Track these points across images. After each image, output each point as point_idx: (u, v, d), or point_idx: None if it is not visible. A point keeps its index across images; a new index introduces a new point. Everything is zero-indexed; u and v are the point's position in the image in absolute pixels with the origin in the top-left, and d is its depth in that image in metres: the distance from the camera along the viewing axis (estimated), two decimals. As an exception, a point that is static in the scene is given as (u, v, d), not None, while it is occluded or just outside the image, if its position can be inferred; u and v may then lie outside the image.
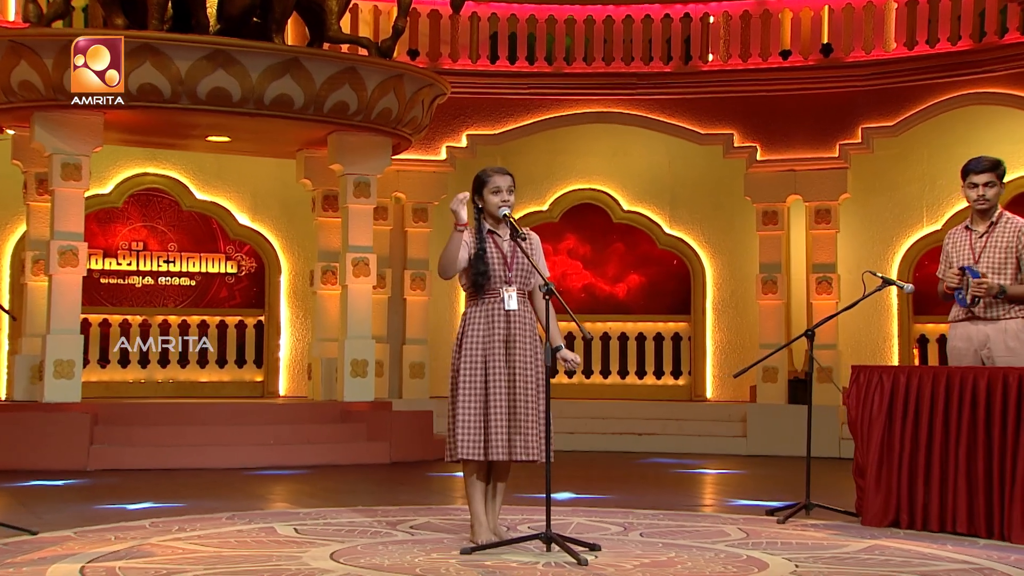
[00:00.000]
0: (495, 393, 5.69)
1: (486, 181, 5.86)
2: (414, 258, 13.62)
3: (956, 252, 7.17)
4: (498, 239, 5.88)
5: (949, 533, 6.51)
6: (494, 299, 5.81)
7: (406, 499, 8.18)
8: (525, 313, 5.84)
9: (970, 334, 6.94)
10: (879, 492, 6.93)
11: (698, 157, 14.04)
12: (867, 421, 7.06)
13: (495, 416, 5.67)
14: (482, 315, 5.80)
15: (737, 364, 14.12)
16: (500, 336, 5.75)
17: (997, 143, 13.07)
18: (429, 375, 13.56)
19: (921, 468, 6.77)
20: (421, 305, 13.68)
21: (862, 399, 7.12)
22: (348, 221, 11.99)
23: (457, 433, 5.69)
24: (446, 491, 9.00)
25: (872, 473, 6.95)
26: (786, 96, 13.33)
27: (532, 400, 5.74)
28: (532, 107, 13.74)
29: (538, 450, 5.69)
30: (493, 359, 5.72)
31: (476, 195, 5.91)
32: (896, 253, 13.68)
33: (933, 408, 6.77)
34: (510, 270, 5.83)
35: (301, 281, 14.05)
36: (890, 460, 6.91)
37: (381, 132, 11.71)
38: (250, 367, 13.97)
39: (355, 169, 11.90)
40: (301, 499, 8.22)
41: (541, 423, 5.74)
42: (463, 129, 13.66)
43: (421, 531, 6.43)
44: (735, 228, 14.20)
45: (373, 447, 11.21)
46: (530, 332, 5.84)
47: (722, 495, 9.00)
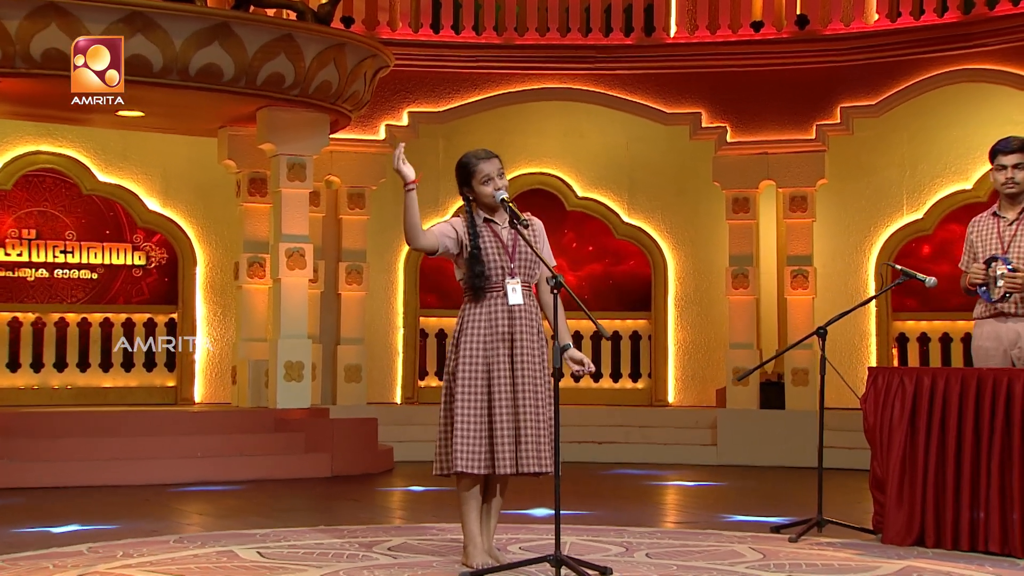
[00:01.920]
0: (500, 399, 5.56)
1: (472, 171, 5.76)
2: (350, 249, 13.38)
3: (982, 242, 7.12)
4: (496, 227, 5.75)
5: (981, 552, 6.47)
6: (496, 293, 5.67)
7: (366, 517, 8.07)
8: (531, 308, 5.72)
9: (999, 333, 6.91)
10: (901, 507, 6.85)
11: (659, 138, 13.96)
12: (887, 429, 6.98)
13: (501, 425, 5.54)
14: (483, 312, 5.67)
15: (702, 366, 14.12)
16: (503, 334, 5.63)
17: (984, 124, 13.20)
18: (367, 379, 13.30)
19: (950, 481, 6.70)
20: (357, 301, 13.44)
21: (880, 404, 7.05)
22: (281, 207, 11.75)
23: (456, 444, 5.53)
24: (407, 507, 8.89)
25: (893, 486, 6.87)
26: (758, 72, 13.28)
27: (540, 405, 5.63)
28: (479, 82, 13.55)
29: (548, 461, 5.57)
30: (496, 361, 5.60)
31: (464, 187, 5.76)
32: (874, 244, 13.72)
33: (962, 414, 6.70)
34: (512, 260, 5.69)
35: (220, 274, 13.74)
36: (913, 472, 6.84)
37: (319, 108, 11.48)
38: (161, 371, 13.63)
39: (289, 149, 11.66)
40: (245, 518, 8.01)
41: (550, 431, 5.62)
42: (403, 106, 13.43)
43: (402, 553, 6.30)
44: (700, 217, 14.15)
45: (312, 459, 11.01)
46: (536, 329, 5.72)
47: (710, 510, 8.94)
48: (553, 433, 5.63)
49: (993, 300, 6.90)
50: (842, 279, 13.75)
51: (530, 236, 5.74)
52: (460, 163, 5.77)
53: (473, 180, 5.71)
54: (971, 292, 7.13)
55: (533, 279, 5.77)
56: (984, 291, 6.94)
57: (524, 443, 5.52)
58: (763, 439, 12.78)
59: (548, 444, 5.60)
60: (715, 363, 14.01)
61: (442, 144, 14.16)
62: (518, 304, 5.64)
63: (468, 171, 5.73)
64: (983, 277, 6.95)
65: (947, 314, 13.40)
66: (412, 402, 13.90)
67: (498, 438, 5.52)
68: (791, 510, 8.54)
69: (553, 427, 5.62)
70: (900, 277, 7.34)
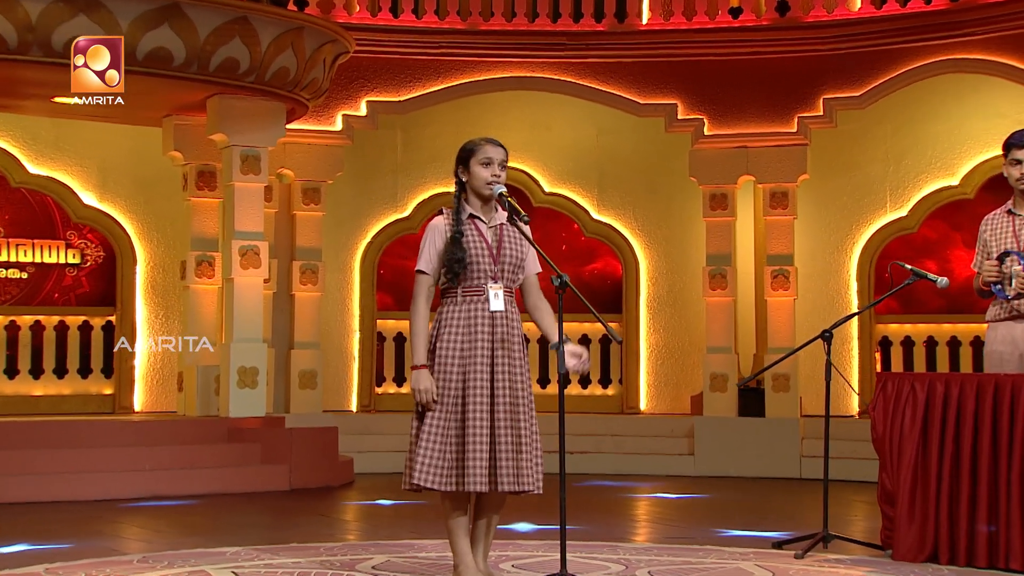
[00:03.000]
0: (475, 411, 5.45)
1: (474, 150, 5.65)
2: (304, 247, 13.22)
3: (996, 240, 7.11)
4: (481, 225, 5.63)
5: (999, 569, 6.44)
6: (476, 297, 5.55)
7: (338, 533, 8.00)
8: (512, 315, 5.62)
9: (1015, 336, 6.90)
10: (913, 522, 6.81)
11: (632, 131, 13.90)
12: (897, 439, 6.95)
13: (474, 439, 5.42)
14: (461, 316, 5.54)
15: (676, 371, 14.08)
16: (483, 342, 5.52)
17: (971, 117, 13.29)
18: (322, 385, 13.14)
19: (965, 493, 6.66)
20: (312, 303, 13.27)
21: (890, 413, 7.01)
22: (234, 202, 11.59)
23: (418, 457, 5.43)
24: (380, 523, 8.78)
25: (904, 500, 6.83)
26: (737, 62, 13.25)
27: (523, 419, 5.55)
28: (442, 70, 13.43)
29: (528, 478, 5.49)
30: (474, 370, 5.49)
31: (460, 167, 5.66)
32: (856, 243, 13.74)
33: (978, 423, 6.68)
34: (496, 263, 5.58)
35: (162, 274, 13.52)
36: (926, 485, 6.80)
37: (275, 96, 11.35)
38: (97, 377, 13.38)
39: (243, 140, 11.50)
40: (209, 535, 7.86)
41: (533, 446, 5.57)
42: (362, 95, 13.28)
43: (387, 572, 6.23)
44: (674, 214, 14.12)
45: (269, 471, 10.89)
46: (518, 338, 5.63)
47: (700, 524, 8.89)
48: (537, 449, 5.59)
49: (1009, 298, 6.87)
50: (822, 279, 13.77)
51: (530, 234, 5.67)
52: (464, 143, 5.68)
53: (472, 159, 5.59)
54: (985, 293, 7.11)
55: (516, 283, 5.68)
56: (999, 289, 6.90)
57: (502, 459, 5.44)
58: (743, 448, 12.75)
59: (529, 461, 5.52)
60: (689, 368, 13.98)
61: (400, 136, 14.05)
62: (499, 311, 5.54)
63: (469, 150, 5.62)
64: (997, 275, 6.91)
65: (931, 316, 13.45)
66: (369, 410, 13.76)
67: (470, 453, 5.41)
68: (786, 524, 8.52)
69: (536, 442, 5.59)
70: (910, 277, 7.28)
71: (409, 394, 14.57)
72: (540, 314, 5.72)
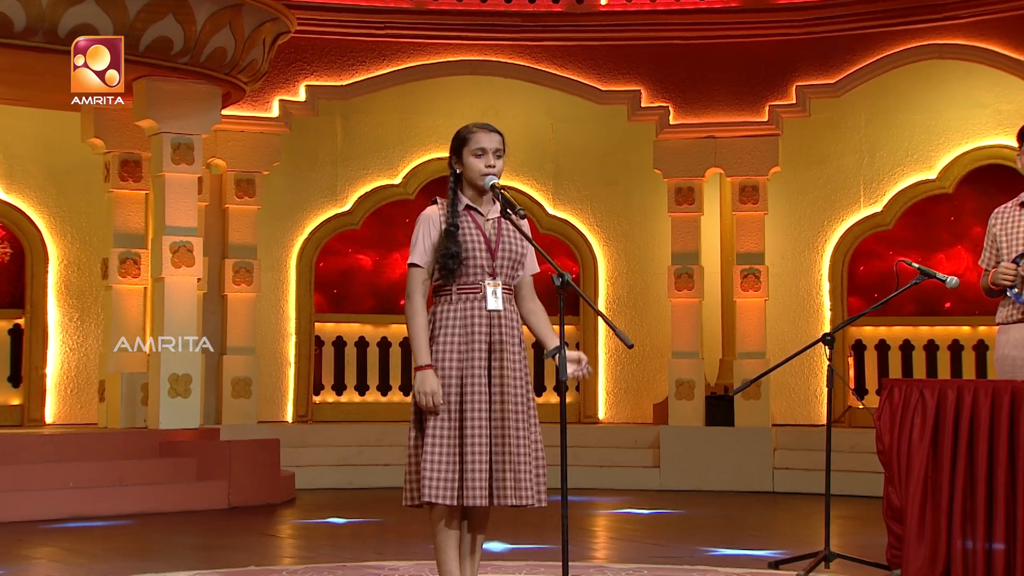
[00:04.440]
0: (473, 419, 5.34)
1: (466, 139, 5.52)
2: (237, 243, 13.00)
3: (1007, 236, 7.04)
4: (479, 217, 5.52)
5: (1019, 590, 6.38)
6: (473, 295, 5.43)
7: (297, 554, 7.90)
8: (511, 314, 5.50)
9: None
10: (923, 541, 6.73)
11: (590, 119, 13.83)
12: (905, 451, 6.86)
13: (473, 449, 5.32)
14: (457, 316, 5.42)
15: (636, 377, 14.04)
16: (481, 344, 5.40)
17: (949, 106, 13.36)
18: (257, 393, 12.92)
19: (980, 509, 6.59)
20: (247, 304, 13.06)
21: (898, 422, 6.92)
22: (165, 194, 11.44)
23: (425, 471, 5.30)
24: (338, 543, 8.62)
25: (913, 516, 6.75)
26: (705, 46, 13.20)
27: (522, 427, 5.42)
28: (388, 53, 13.26)
29: (528, 492, 5.37)
30: (471, 374, 5.37)
31: (454, 157, 5.55)
32: (828, 240, 13.77)
33: (994, 433, 6.60)
34: (494, 258, 5.46)
35: (77, 273, 13.29)
36: (937, 500, 6.72)
37: (211, 79, 11.22)
38: (3, 387, 13.08)
39: (174, 126, 11.37)
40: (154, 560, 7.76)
41: (534, 456, 5.45)
42: (300, 79, 13.09)
43: None
44: (635, 209, 14.06)
45: (206, 488, 10.75)
46: (518, 339, 5.51)
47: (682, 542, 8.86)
48: (540, 459, 5.49)
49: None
50: (792, 279, 13.78)
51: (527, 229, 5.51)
52: (457, 131, 5.56)
53: (464, 149, 5.49)
54: (994, 293, 7.05)
55: (515, 280, 5.57)
56: (1016, 293, 6.85)
57: (502, 471, 5.34)
58: (711, 460, 12.69)
59: (530, 472, 5.40)
60: (651, 374, 13.93)
61: (340, 124, 13.87)
62: (498, 310, 5.43)
63: (461, 139, 5.51)
64: (1013, 277, 6.86)
65: (907, 319, 13.49)
66: (306, 421, 13.57)
67: (469, 464, 5.31)
68: (774, 541, 8.57)
69: (539, 451, 5.48)
70: (918, 277, 7.22)
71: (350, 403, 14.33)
72: (536, 318, 5.59)
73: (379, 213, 13.97)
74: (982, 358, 13.30)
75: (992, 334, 13.19)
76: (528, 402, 5.49)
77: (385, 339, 13.95)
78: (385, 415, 13.73)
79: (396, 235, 13.99)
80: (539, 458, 5.50)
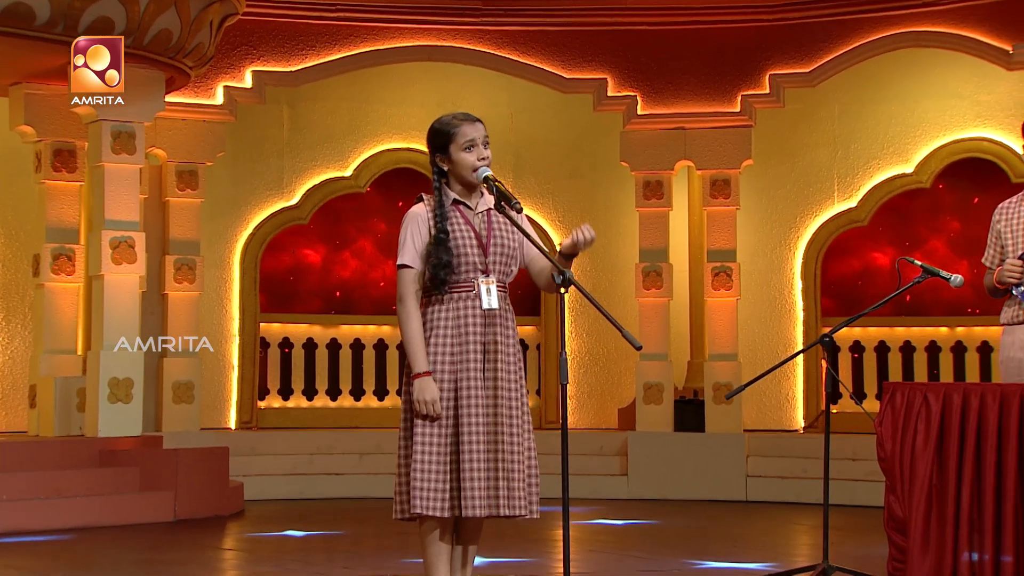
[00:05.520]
0: (470, 425, 5.29)
1: (452, 134, 5.46)
2: (180, 239, 12.82)
3: (1012, 232, 7.03)
4: (467, 212, 5.47)
5: (1030, 605, 6.37)
6: (466, 294, 5.40)
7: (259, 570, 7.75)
8: (507, 313, 5.49)
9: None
10: (927, 553, 6.68)
11: (553, 109, 13.82)
12: (908, 458, 6.80)
13: (471, 457, 5.27)
14: (450, 317, 5.38)
15: (601, 381, 14.01)
16: (476, 345, 5.36)
17: (926, 97, 13.44)
18: (200, 399, 12.76)
19: (989, 520, 6.54)
20: (189, 303, 12.87)
21: (900, 428, 6.86)
22: (104, 186, 11.31)
23: (416, 481, 5.25)
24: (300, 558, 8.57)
25: (917, 527, 6.70)
26: (676, 32, 13.18)
27: (517, 432, 5.37)
28: (340, 37, 13.14)
29: (527, 501, 5.34)
30: (466, 377, 5.33)
31: (438, 155, 5.49)
32: (800, 237, 13.81)
33: (1003, 439, 6.57)
34: (486, 254, 5.44)
35: (2, 269, 13.15)
36: (943, 510, 6.67)
37: (155, 63, 11.11)
38: (-82, 393, 12.98)
39: (115, 113, 11.19)
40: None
41: (531, 465, 5.40)
42: (247, 64, 12.94)
43: None
44: (600, 203, 14.02)
45: (151, 500, 10.66)
46: (513, 339, 5.47)
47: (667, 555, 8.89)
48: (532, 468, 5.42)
49: (1033, 301, 6.82)
50: (763, 277, 13.80)
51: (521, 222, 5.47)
52: (436, 126, 5.48)
53: (452, 145, 5.41)
54: (999, 292, 7.04)
55: (510, 276, 5.56)
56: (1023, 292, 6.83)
57: (495, 479, 5.28)
58: (682, 467, 12.67)
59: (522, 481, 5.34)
60: (616, 377, 13.91)
61: (287, 113, 13.75)
62: (493, 308, 5.39)
63: (446, 133, 5.43)
64: (1020, 274, 6.84)
65: (883, 319, 13.52)
66: (250, 427, 13.42)
67: (467, 473, 5.25)
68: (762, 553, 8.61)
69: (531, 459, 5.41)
70: (921, 275, 7.20)
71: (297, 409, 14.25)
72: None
73: (328, 207, 13.84)
74: (960, 359, 13.39)
75: (971, 336, 13.47)
76: (522, 406, 5.44)
77: (335, 341, 13.83)
78: (334, 421, 13.65)
79: (346, 230, 13.89)
80: (532, 466, 5.45)
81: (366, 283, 14.03)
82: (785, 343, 13.74)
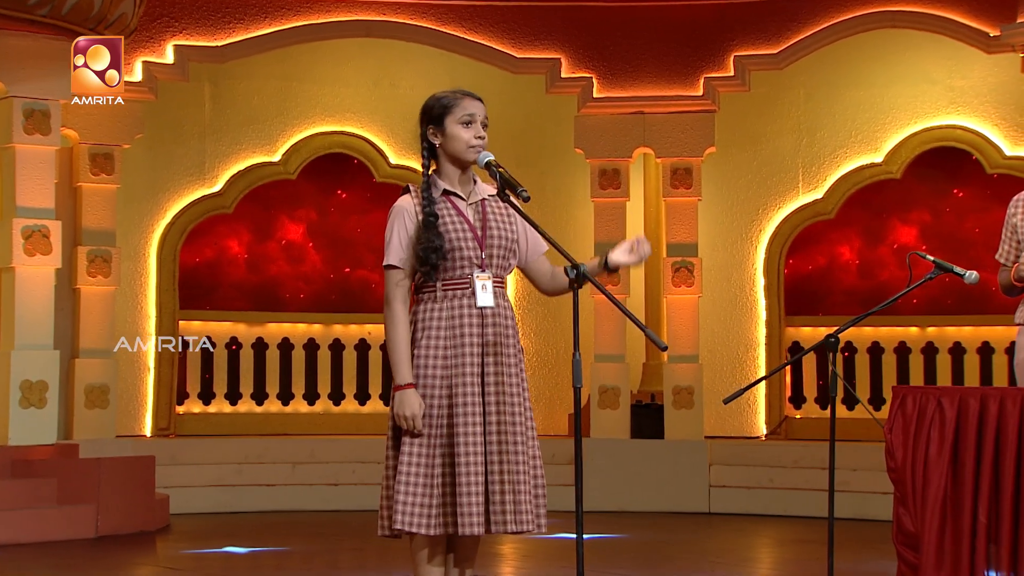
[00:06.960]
0: (466, 434, 5.24)
1: (450, 105, 5.40)
2: (93, 228, 12.62)
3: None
4: (459, 202, 5.40)
5: (1053, 626, 6.36)
6: (460, 291, 5.34)
7: None
8: (506, 311, 5.42)
9: (1053, 342, 6.87)
10: (941, 570, 6.69)
11: (501, 91, 13.61)
12: (920, 468, 6.80)
13: (468, 470, 5.22)
14: (443, 316, 5.32)
15: (549, 384, 13.92)
16: (472, 347, 5.31)
17: (896, 82, 13.49)
18: (116, 404, 12.57)
19: (1007, 534, 6.56)
20: (104, 298, 12.67)
21: (912, 436, 6.85)
22: (16, 170, 11.26)
23: (398, 496, 5.21)
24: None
25: (931, 542, 6.69)
26: (634, 9, 13.18)
27: (521, 441, 5.39)
28: (270, 10, 13.03)
29: (534, 515, 5.37)
30: (462, 383, 5.28)
31: (431, 126, 5.41)
32: (763, 230, 13.83)
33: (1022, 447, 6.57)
34: (482, 247, 5.37)
35: (-102, 263, 12.77)
36: (958, 523, 6.68)
37: (72, 34, 10.92)
38: None
39: (27, 89, 11.19)
40: None
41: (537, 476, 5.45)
42: (167, 38, 12.79)
43: None
44: (550, 193, 13.96)
45: (70, 515, 10.51)
46: (514, 339, 5.43)
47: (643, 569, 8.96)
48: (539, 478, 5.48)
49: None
50: (724, 273, 13.80)
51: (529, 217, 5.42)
52: (431, 101, 5.41)
53: (449, 116, 5.35)
54: (1015, 290, 7.06)
55: (507, 271, 5.50)
56: (1041, 288, 6.85)
57: (500, 493, 5.26)
58: (639, 477, 12.65)
59: (528, 494, 5.36)
60: (566, 380, 13.77)
61: (208, 90, 13.55)
62: (489, 306, 5.33)
63: (444, 106, 5.38)
64: (1037, 269, 6.85)
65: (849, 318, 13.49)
66: (167, 434, 13.21)
67: (463, 488, 5.20)
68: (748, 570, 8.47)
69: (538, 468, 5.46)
70: (933, 270, 7.16)
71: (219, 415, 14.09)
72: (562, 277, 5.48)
73: (255, 195, 13.63)
74: (931, 361, 13.43)
75: (943, 336, 13.52)
76: (526, 412, 5.43)
77: (261, 340, 13.67)
78: (260, 428, 13.47)
79: (274, 220, 13.71)
80: (538, 476, 5.46)
81: (295, 278, 13.86)
82: (746, 343, 13.75)
